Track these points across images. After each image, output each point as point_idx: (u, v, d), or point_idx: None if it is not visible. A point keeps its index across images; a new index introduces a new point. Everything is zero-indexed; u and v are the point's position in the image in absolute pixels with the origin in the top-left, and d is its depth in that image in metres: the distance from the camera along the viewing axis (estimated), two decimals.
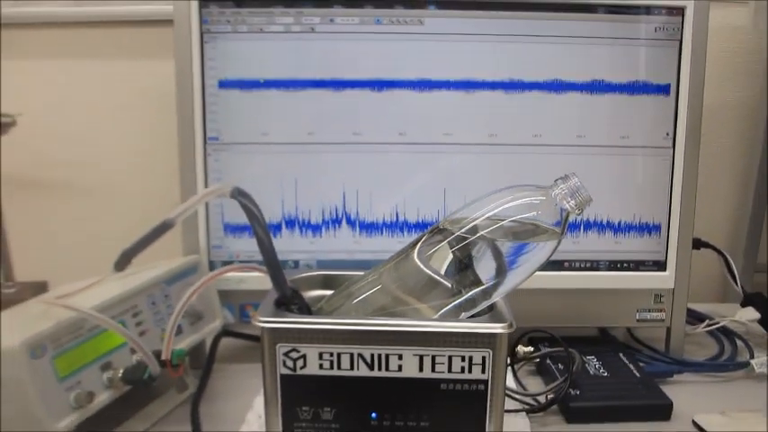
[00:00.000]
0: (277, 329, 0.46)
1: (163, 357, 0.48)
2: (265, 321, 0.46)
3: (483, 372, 0.46)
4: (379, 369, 0.47)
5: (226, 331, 0.69)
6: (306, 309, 0.51)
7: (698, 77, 0.68)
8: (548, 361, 0.67)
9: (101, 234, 0.93)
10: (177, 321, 0.48)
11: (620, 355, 0.69)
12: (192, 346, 0.61)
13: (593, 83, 0.68)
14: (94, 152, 0.91)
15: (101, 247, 0.92)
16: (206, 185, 0.67)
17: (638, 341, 0.76)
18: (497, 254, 0.50)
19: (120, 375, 0.51)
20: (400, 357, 0.46)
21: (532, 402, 0.61)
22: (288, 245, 0.68)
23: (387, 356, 0.46)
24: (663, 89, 0.68)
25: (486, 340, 0.46)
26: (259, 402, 0.61)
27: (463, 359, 0.46)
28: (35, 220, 0.92)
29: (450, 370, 0.46)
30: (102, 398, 0.51)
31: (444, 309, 0.50)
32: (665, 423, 0.60)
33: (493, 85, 0.67)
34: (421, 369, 0.46)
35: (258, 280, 0.67)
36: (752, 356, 0.72)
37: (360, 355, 0.46)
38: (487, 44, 0.67)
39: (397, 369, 0.47)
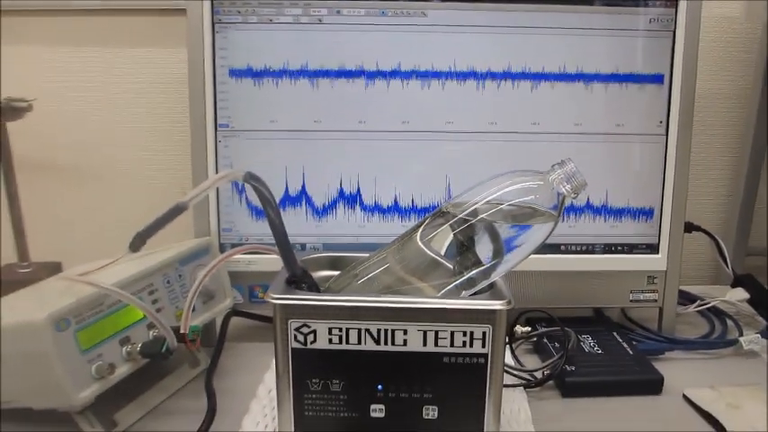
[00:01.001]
0: (289, 306, 0.49)
1: (182, 331, 0.51)
2: (278, 298, 0.49)
3: (483, 346, 0.49)
4: (386, 343, 0.49)
5: (236, 311, 0.72)
6: (315, 287, 0.54)
7: (691, 67, 0.70)
8: (544, 340, 0.70)
9: (111, 218, 0.96)
10: (195, 298, 0.51)
11: (614, 334, 0.72)
12: (205, 323, 0.64)
13: (589, 73, 0.70)
14: (106, 138, 0.93)
15: (111, 230, 0.95)
16: (216, 171, 0.70)
17: (632, 321, 0.79)
18: (496, 236, 0.52)
19: (138, 349, 0.54)
20: (405, 332, 0.49)
21: (530, 378, 0.64)
22: (295, 228, 0.71)
23: (392, 332, 0.49)
24: (657, 78, 0.71)
25: (487, 316, 0.48)
26: (269, 377, 0.64)
27: (464, 334, 0.49)
28: (48, 203, 0.95)
29: (452, 344, 0.49)
30: (122, 370, 0.54)
31: (446, 288, 0.53)
32: (656, 397, 0.63)
33: (493, 75, 0.70)
34: (425, 343, 0.49)
35: (267, 262, 0.70)
36: (741, 334, 0.75)
37: (367, 331, 0.49)
38: (488, 35, 0.69)
39: (402, 343, 0.49)
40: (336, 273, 0.59)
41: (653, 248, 0.74)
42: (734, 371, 0.68)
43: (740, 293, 0.79)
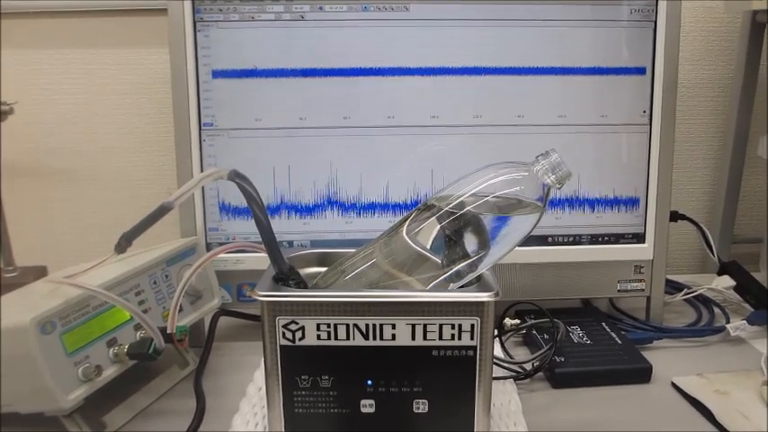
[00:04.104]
0: (276, 303, 0.49)
1: (168, 331, 0.50)
2: (265, 295, 0.49)
3: (472, 338, 0.49)
4: (374, 338, 0.49)
5: (224, 310, 0.71)
6: (303, 284, 0.53)
7: (672, 57, 0.70)
8: (534, 332, 0.70)
9: (97, 219, 0.95)
10: (181, 297, 0.51)
11: (603, 324, 0.73)
12: (193, 323, 0.64)
13: (572, 64, 0.70)
14: (89, 140, 0.92)
15: (97, 232, 0.95)
16: (201, 170, 0.69)
17: (620, 311, 0.79)
18: (482, 228, 0.52)
19: (125, 350, 0.54)
20: (394, 327, 0.49)
21: (519, 370, 0.64)
22: (282, 226, 0.71)
23: (381, 326, 0.49)
24: (639, 69, 0.71)
25: (475, 308, 0.48)
26: (258, 376, 0.64)
27: (453, 327, 0.49)
28: (31, 206, 0.94)
29: (440, 337, 0.49)
30: (109, 372, 0.53)
31: (433, 282, 0.53)
32: (645, 385, 0.63)
33: (477, 69, 0.70)
34: (413, 337, 0.49)
35: (254, 260, 0.70)
36: (728, 322, 0.75)
37: (355, 326, 0.49)
38: (471, 29, 0.69)
39: (390, 338, 0.49)
40: (324, 269, 0.59)
41: (639, 238, 0.74)
42: (721, 357, 0.69)
43: (726, 281, 0.79)
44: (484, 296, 0.49)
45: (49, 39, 0.89)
